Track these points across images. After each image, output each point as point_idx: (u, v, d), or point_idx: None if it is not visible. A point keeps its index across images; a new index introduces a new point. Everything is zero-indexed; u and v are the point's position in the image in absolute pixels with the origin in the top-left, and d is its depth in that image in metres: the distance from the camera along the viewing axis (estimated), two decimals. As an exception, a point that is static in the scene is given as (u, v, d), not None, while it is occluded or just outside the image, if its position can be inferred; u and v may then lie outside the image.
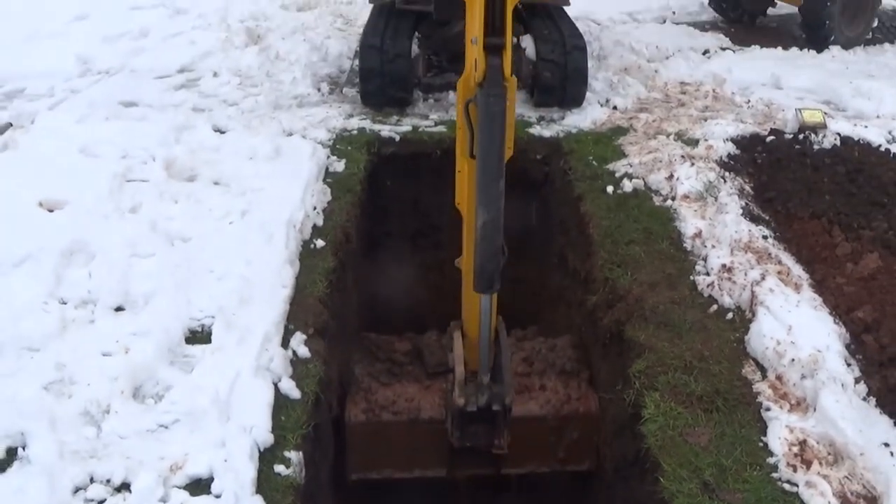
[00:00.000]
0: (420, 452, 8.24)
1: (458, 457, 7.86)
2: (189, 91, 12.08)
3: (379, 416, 8.11)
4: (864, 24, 16.02)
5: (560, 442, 8.36)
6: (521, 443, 7.65)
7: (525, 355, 8.89)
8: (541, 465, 8.50)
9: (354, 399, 8.17)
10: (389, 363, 8.76)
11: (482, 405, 6.72)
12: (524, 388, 8.36)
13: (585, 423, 8.27)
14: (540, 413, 8.25)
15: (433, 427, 7.90)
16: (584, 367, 8.63)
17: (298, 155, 9.69)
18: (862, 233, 8.84)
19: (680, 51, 14.57)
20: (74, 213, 8.37)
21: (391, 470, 8.40)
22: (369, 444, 8.17)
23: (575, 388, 8.44)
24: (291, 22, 15.39)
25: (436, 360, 8.59)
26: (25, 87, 12.32)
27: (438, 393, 8.18)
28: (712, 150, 10.14)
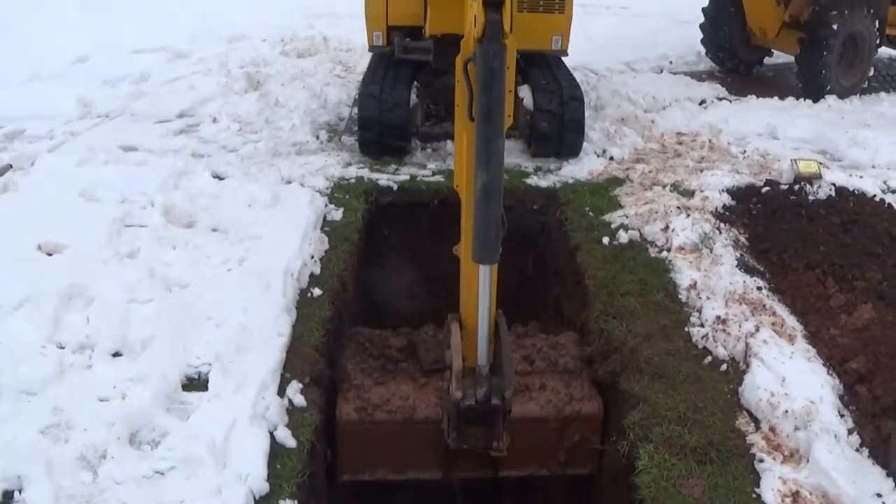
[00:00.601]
0: (414, 454, 8.02)
1: (454, 459, 7.71)
2: (189, 136, 12.16)
3: (372, 415, 7.85)
4: (860, 74, 16.18)
5: (561, 444, 8.12)
6: (521, 445, 7.48)
7: (525, 353, 8.58)
8: (540, 468, 8.27)
9: (346, 396, 7.92)
10: (383, 359, 8.42)
11: (481, 399, 6.52)
12: (524, 387, 8.11)
13: (587, 424, 8.03)
14: (540, 414, 7.98)
15: (429, 427, 7.66)
16: (586, 367, 8.37)
17: (297, 203, 9.74)
18: (856, 284, 8.88)
19: (677, 101, 14.70)
20: (73, 257, 8.40)
21: (384, 471, 8.17)
22: (361, 445, 7.93)
23: (577, 388, 8.17)
24: (291, 69, 15.53)
25: (432, 357, 8.26)
26: (26, 128, 12.41)
27: (434, 392, 7.94)
28: (708, 201, 10.18)
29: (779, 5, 16.06)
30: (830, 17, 15.30)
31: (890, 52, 18.49)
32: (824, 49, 15.22)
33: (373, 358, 8.41)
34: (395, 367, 8.35)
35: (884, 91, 16.72)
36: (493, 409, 6.61)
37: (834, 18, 15.26)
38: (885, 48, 17.54)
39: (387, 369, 8.30)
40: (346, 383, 8.03)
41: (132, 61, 16.01)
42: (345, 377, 8.06)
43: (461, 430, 6.79)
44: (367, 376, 8.14)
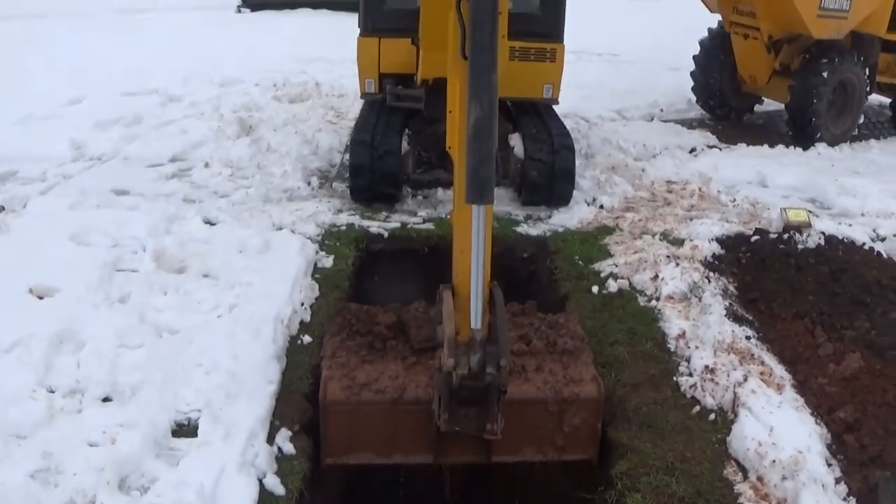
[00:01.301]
0: (403, 437, 7.57)
1: (445, 443, 7.38)
2: (181, 181, 12.20)
3: (358, 394, 7.41)
4: (850, 121, 16.35)
5: (559, 428, 7.66)
6: (516, 428, 7.22)
7: (522, 332, 8.18)
8: (537, 453, 7.78)
9: (331, 375, 7.52)
10: (370, 336, 8.00)
11: (475, 367, 6.29)
12: (520, 368, 7.73)
13: (587, 407, 7.60)
14: (537, 396, 7.55)
15: (419, 409, 7.31)
16: (586, 348, 8.08)
17: (287, 250, 9.78)
18: (844, 333, 8.90)
19: (667, 149, 14.79)
20: (64, 301, 8.41)
21: (371, 455, 7.65)
22: (347, 426, 7.48)
23: (576, 369, 7.79)
24: (283, 114, 15.62)
25: (423, 335, 7.85)
26: (18, 169, 12.46)
27: (425, 371, 7.52)
28: (697, 250, 10.23)
29: (769, 53, 16.17)
30: (821, 64, 15.46)
31: (880, 98, 18.64)
32: (814, 97, 15.39)
33: (360, 335, 8.05)
34: (384, 345, 7.96)
35: (874, 138, 16.92)
36: (486, 387, 6.46)
37: (824, 66, 15.42)
38: (875, 95, 17.68)
39: (374, 347, 7.92)
40: (331, 361, 7.68)
41: (125, 104, 16.10)
42: (329, 355, 7.74)
43: (453, 411, 6.65)
44: (354, 354, 7.80)
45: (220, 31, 25.52)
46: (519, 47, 11.69)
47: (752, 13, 15.92)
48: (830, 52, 15.57)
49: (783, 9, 15.03)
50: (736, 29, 16.64)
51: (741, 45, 16.69)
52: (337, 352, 7.75)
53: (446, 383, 6.46)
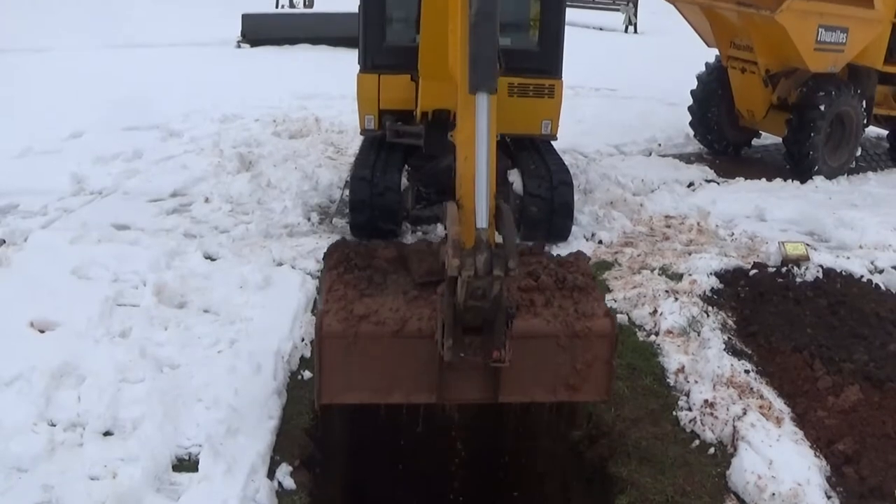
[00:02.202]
0: (404, 373, 7.11)
1: (449, 380, 6.99)
2: (181, 216, 12.26)
3: (357, 326, 6.97)
4: (847, 154, 16.44)
5: (571, 365, 7.20)
6: (524, 366, 6.90)
7: (530, 269, 7.78)
8: (547, 393, 7.36)
9: (328, 308, 7.14)
10: (370, 270, 7.68)
11: (481, 267, 5.88)
12: (529, 302, 7.32)
13: (600, 343, 7.18)
14: (546, 330, 7.10)
15: (421, 342, 6.86)
16: (597, 286, 7.79)
17: (288, 285, 9.83)
18: (843, 365, 8.89)
19: (665, 183, 14.85)
20: (65, 335, 8.44)
21: (369, 393, 7.22)
22: (344, 361, 7.03)
23: (587, 304, 7.39)
24: (283, 149, 15.70)
25: (425, 269, 7.53)
26: (19, 203, 12.52)
27: (428, 305, 7.08)
28: (696, 284, 10.26)
29: (766, 87, 16.27)
30: (818, 97, 15.57)
31: (878, 130, 18.77)
32: (812, 130, 15.50)
33: (358, 269, 7.71)
34: (384, 279, 7.61)
35: (871, 171, 17.03)
36: (493, 307, 6.19)
37: (821, 99, 15.53)
38: (872, 127, 17.77)
39: (374, 281, 7.54)
40: (328, 295, 7.32)
41: (125, 139, 16.15)
42: (327, 289, 7.43)
43: (457, 339, 6.35)
44: (352, 288, 7.41)
45: (221, 66, 25.59)
46: (517, 83, 11.77)
47: (749, 47, 16.03)
48: (827, 86, 15.69)
49: (780, 43, 15.14)
50: (733, 63, 16.74)
51: (738, 80, 16.79)
52: (334, 285, 7.43)
53: (450, 305, 6.20)
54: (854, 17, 15.69)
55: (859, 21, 15.74)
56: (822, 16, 15.18)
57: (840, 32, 15.40)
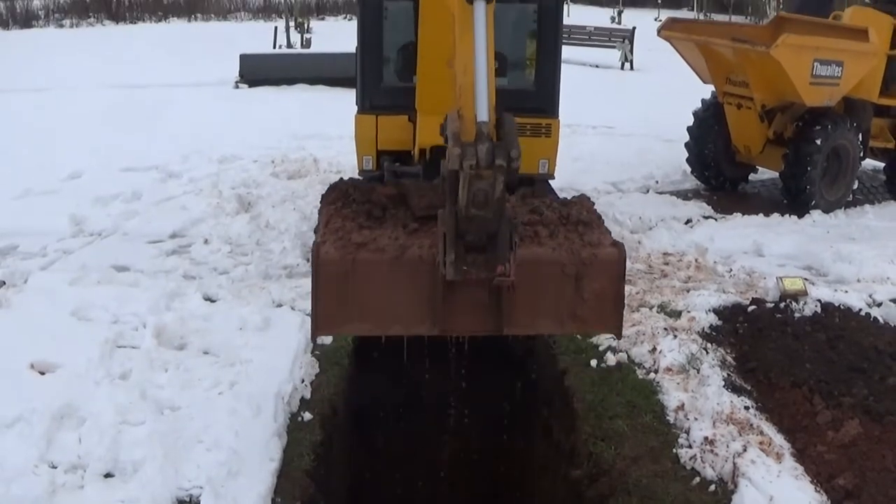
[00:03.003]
0: (404, 303, 6.91)
1: (451, 310, 6.76)
2: (180, 257, 12.31)
3: (354, 253, 6.78)
4: (844, 188, 16.50)
5: (578, 295, 6.94)
6: (530, 296, 6.73)
7: (533, 206, 7.62)
8: (554, 324, 7.16)
9: (325, 239, 6.98)
10: (369, 205, 7.52)
11: (483, 157, 5.77)
12: (533, 234, 7.12)
13: (609, 272, 6.95)
14: (551, 257, 6.89)
15: (422, 270, 6.69)
16: (602, 222, 7.52)
17: (287, 327, 9.84)
18: (842, 400, 8.93)
19: (663, 220, 14.89)
20: (66, 377, 8.47)
21: (368, 325, 7.02)
22: (341, 290, 6.82)
23: (594, 235, 7.17)
24: (282, 190, 15.73)
25: (425, 203, 7.35)
26: (19, 244, 12.58)
27: (428, 236, 6.89)
28: (695, 321, 10.28)
29: (763, 122, 16.36)
30: (814, 132, 15.65)
31: (874, 163, 18.83)
32: (808, 164, 15.57)
33: (357, 203, 7.57)
34: (383, 213, 7.44)
35: (868, 203, 17.10)
36: (496, 217, 6.06)
37: (817, 133, 15.60)
38: (869, 160, 17.86)
39: (373, 215, 7.38)
40: (325, 229, 7.17)
41: (124, 180, 16.19)
42: (324, 222, 7.29)
43: (459, 254, 6.23)
44: (350, 221, 7.24)
45: (219, 107, 25.62)
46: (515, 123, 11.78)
47: (744, 83, 16.08)
48: (823, 120, 15.78)
49: (776, 78, 15.21)
50: (729, 99, 16.79)
51: (734, 115, 16.84)
52: (332, 219, 7.29)
53: (452, 215, 6.09)
54: (849, 50, 15.80)
55: (854, 54, 15.83)
56: (817, 50, 15.28)
57: (835, 66, 15.47)
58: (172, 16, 77.75)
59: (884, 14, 17.01)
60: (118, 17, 76.02)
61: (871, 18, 16.89)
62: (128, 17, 76.66)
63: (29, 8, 75.54)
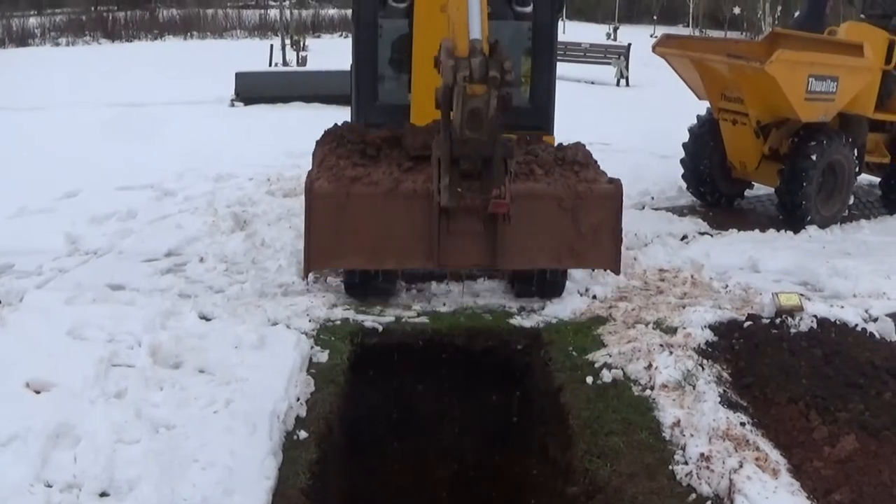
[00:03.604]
0: (399, 236, 6.98)
1: (447, 243, 6.78)
2: (176, 276, 12.28)
3: (349, 187, 6.86)
4: (840, 203, 16.51)
5: (575, 229, 7.03)
6: (526, 230, 6.77)
7: (529, 149, 7.68)
8: (551, 260, 7.31)
9: (319, 175, 7.00)
10: (363, 145, 7.58)
11: (477, 68, 5.82)
12: (528, 171, 7.15)
13: (606, 206, 7.04)
14: (547, 191, 6.97)
15: (417, 203, 6.76)
16: (598, 164, 7.55)
17: (283, 345, 9.80)
18: (839, 415, 8.85)
19: (658, 237, 14.87)
20: (61, 396, 8.40)
21: (361, 259, 7.20)
22: (335, 225, 6.89)
23: (590, 173, 7.26)
24: (277, 208, 15.72)
25: (420, 142, 7.30)
26: (14, 263, 12.58)
27: (423, 172, 6.97)
28: (690, 337, 10.25)
29: (758, 138, 16.39)
30: (809, 147, 15.66)
31: (870, 178, 18.89)
32: (804, 180, 15.58)
33: (351, 143, 7.61)
34: (378, 152, 7.50)
35: (864, 218, 17.12)
36: (490, 145, 6.08)
37: (813, 149, 15.61)
38: (864, 175, 17.92)
39: (367, 154, 7.44)
40: (319, 168, 7.20)
41: (120, 198, 16.23)
42: (318, 162, 7.31)
43: (454, 179, 6.26)
44: (345, 159, 7.30)
45: (214, 125, 25.71)
46: None
47: (739, 99, 16.12)
48: (819, 135, 15.79)
49: (771, 94, 15.26)
50: (724, 115, 16.82)
51: (730, 132, 16.88)
52: (326, 158, 7.33)
53: (446, 139, 6.12)
54: (844, 65, 15.84)
55: (849, 70, 15.87)
56: (812, 65, 15.30)
57: (830, 81, 15.51)
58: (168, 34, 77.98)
59: (879, 29, 17.08)
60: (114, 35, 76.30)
61: (866, 33, 16.95)
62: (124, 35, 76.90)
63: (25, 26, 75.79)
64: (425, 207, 6.66)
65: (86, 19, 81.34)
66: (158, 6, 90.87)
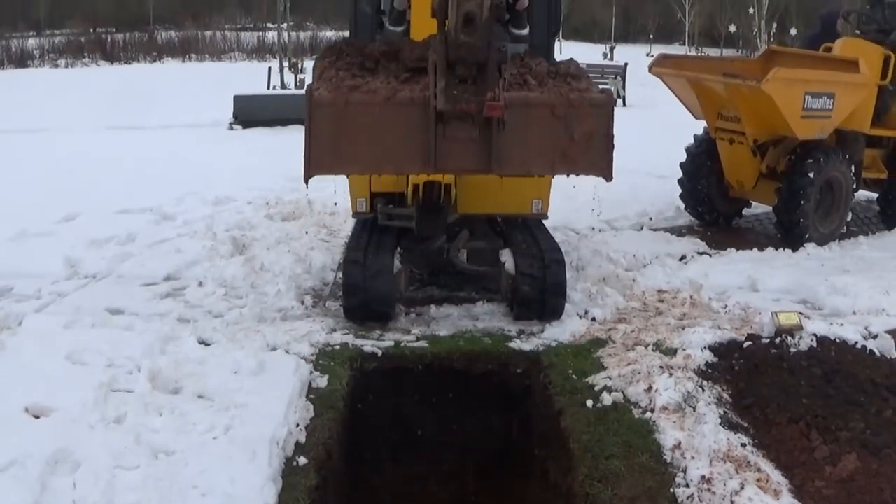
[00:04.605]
0: (396, 143, 7.32)
1: (443, 148, 7.10)
2: (175, 300, 12.26)
3: (347, 95, 7.21)
4: (838, 220, 16.51)
5: (568, 136, 7.42)
6: (520, 136, 7.10)
7: (523, 63, 8.01)
8: (545, 166, 7.80)
9: (319, 86, 7.30)
10: (362, 58, 7.85)
11: None
12: (522, 82, 7.48)
13: (597, 113, 7.46)
14: (541, 99, 7.31)
15: (413, 110, 7.07)
16: (590, 77, 7.86)
17: (282, 370, 9.76)
18: (840, 434, 8.81)
19: (657, 258, 14.84)
20: (60, 421, 8.40)
21: (360, 165, 7.73)
22: (335, 132, 7.26)
23: (582, 84, 7.62)
24: (276, 232, 15.75)
25: (417, 54, 7.54)
26: (13, 286, 12.56)
27: (419, 83, 7.22)
28: (690, 359, 10.21)
29: (755, 156, 16.40)
30: (807, 165, 15.66)
31: (867, 194, 18.86)
32: (801, 198, 15.56)
33: (350, 57, 7.89)
34: (376, 65, 7.78)
35: (862, 234, 17.11)
36: (484, 50, 6.40)
37: (810, 166, 15.62)
38: (862, 191, 17.92)
39: (366, 67, 7.74)
40: (319, 80, 7.47)
41: (119, 222, 16.25)
42: (318, 75, 7.58)
43: (450, 82, 6.55)
44: (344, 71, 7.61)
45: (213, 148, 25.73)
46: None
47: (736, 118, 16.14)
48: (816, 153, 15.80)
49: (767, 112, 15.27)
50: (721, 134, 16.85)
51: (727, 150, 16.90)
52: (326, 71, 7.58)
53: (442, 42, 6.41)
54: (840, 82, 15.88)
55: (845, 86, 15.90)
56: (808, 83, 15.35)
57: (826, 98, 15.52)
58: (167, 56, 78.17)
59: (874, 44, 17.13)
60: (113, 57, 76.52)
61: (861, 49, 16.98)
62: (122, 57, 77.12)
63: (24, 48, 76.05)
64: (422, 114, 6.95)
65: (85, 41, 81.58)
66: (157, 28, 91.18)
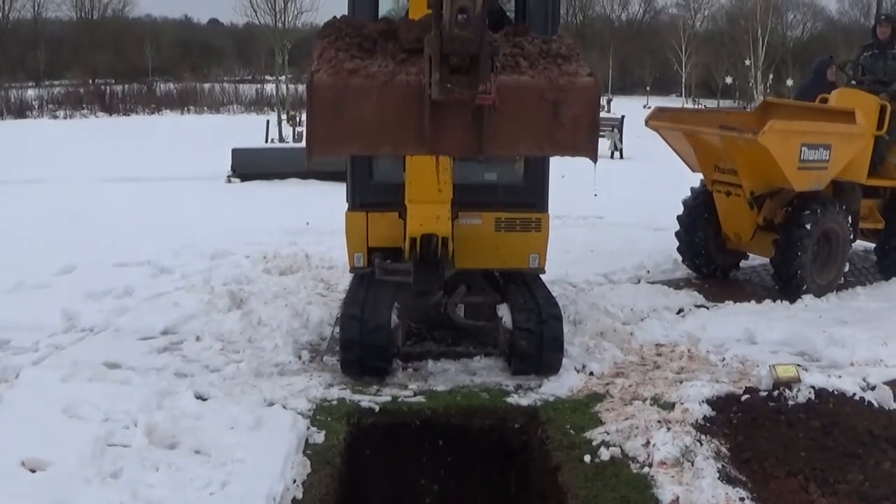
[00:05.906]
0: (393, 125, 7.51)
1: (437, 131, 7.34)
2: (172, 355, 12.24)
3: (347, 79, 7.39)
4: (835, 271, 16.53)
5: (556, 119, 7.57)
6: (510, 119, 7.31)
7: (515, 42, 8.12)
8: (533, 146, 7.95)
9: (318, 67, 7.48)
10: (359, 38, 8.02)
11: None
12: (514, 64, 7.68)
13: (585, 97, 7.59)
14: (530, 84, 7.50)
15: (410, 94, 7.29)
16: (582, 58, 8.01)
17: (279, 426, 9.72)
18: (838, 487, 8.79)
19: (655, 311, 14.85)
20: (57, 476, 8.35)
21: (359, 146, 7.82)
22: (335, 114, 7.43)
23: (572, 67, 7.75)
24: (274, 286, 15.72)
25: (414, 35, 7.68)
26: (11, 339, 12.60)
27: (416, 65, 7.43)
28: (688, 413, 10.20)
29: (752, 209, 16.42)
30: (804, 216, 15.70)
31: (865, 244, 18.94)
32: (799, 249, 15.60)
33: (348, 37, 8.06)
34: (374, 45, 7.97)
35: (860, 285, 17.10)
36: (478, 43, 6.64)
37: (807, 218, 15.66)
38: (859, 241, 18.04)
39: (364, 47, 7.92)
40: (319, 61, 7.64)
41: (116, 274, 16.29)
42: (318, 55, 7.74)
43: (444, 75, 6.80)
44: (343, 52, 7.78)
45: (211, 201, 25.88)
46: (504, 218, 11.97)
47: (733, 170, 16.19)
48: (813, 204, 15.84)
49: (764, 164, 15.32)
50: (718, 187, 16.89)
51: (724, 203, 16.93)
52: (325, 51, 7.78)
53: (437, 37, 6.64)
54: (836, 133, 15.95)
55: (842, 137, 15.98)
56: (804, 134, 15.40)
57: (823, 150, 15.58)
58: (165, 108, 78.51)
59: (870, 94, 17.21)
60: (112, 108, 76.87)
61: (858, 99, 17.08)
62: (121, 108, 77.46)
63: (23, 98, 76.38)
64: (417, 98, 7.17)
65: (84, 92, 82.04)
66: (156, 80, 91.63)
